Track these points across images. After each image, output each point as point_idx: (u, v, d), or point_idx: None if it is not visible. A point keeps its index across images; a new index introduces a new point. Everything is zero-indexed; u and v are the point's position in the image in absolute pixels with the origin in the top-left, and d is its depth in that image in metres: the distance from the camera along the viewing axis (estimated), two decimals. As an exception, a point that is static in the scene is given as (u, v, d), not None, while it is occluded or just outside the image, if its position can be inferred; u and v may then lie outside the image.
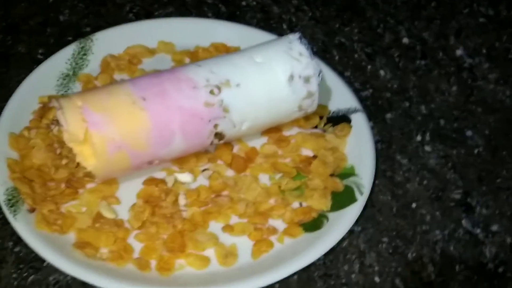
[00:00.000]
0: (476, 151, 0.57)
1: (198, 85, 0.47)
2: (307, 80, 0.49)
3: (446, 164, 0.55)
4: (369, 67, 0.63)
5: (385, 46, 0.66)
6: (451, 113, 0.59)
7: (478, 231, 0.51)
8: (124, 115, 0.45)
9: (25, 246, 0.45)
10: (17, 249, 0.46)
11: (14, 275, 0.45)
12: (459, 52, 0.65)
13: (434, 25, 0.68)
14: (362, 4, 0.69)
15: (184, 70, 0.48)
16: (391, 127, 0.58)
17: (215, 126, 0.47)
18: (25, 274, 0.45)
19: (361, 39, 0.66)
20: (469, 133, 0.58)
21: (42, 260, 0.45)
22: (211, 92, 0.47)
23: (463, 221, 0.51)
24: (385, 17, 0.68)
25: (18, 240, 0.45)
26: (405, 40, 0.66)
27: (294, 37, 0.50)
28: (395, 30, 0.67)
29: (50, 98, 0.52)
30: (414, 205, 0.52)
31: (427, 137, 0.57)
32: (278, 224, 0.48)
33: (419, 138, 0.57)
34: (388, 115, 0.59)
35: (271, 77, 0.48)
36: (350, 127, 0.54)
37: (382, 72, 0.63)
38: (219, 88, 0.47)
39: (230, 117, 0.47)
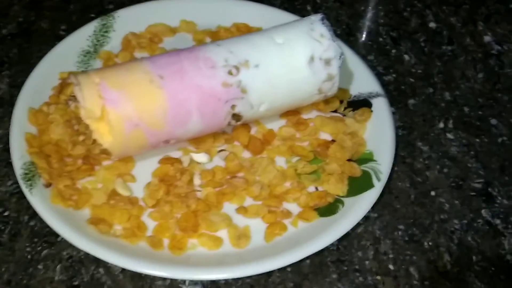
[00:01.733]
0: (500, 140, 0.55)
1: (217, 65, 0.46)
2: (327, 62, 0.48)
3: (468, 153, 0.54)
4: (393, 51, 0.62)
5: (411, 30, 0.64)
6: (476, 101, 0.58)
7: (498, 222, 0.50)
8: (142, 93, 0.44)
9: (40, 220, 0.45)
10: (32, 223, 0.47)
11: (28, 249, 0.45)
12: (487, 38, 0.63)
13: (462, 10, 0.66)
14: (389, -13, 0.68)
15: (203, 50, 0.47)
16: (413, 113, 0.57)
17: (233, 107, 0.47)
18: (39, 248, 0.45)
19: (387, 23, 0.65)
20: (493, 121, 0.56)
21: (56, 235, 0.45)
22: (229, 72, 0.46)
23: (483, 211, 0.50)
24: (412, 1, 0.67)
25: (34, 214, 0.46)
26: (432, 25, 0.65)
27: (316, 18, 0.49)
28: (422, 14, 0.66)
29: (70, 74, 0.52)
30: (433, 193, 0.51)
31: (450, 125, 0.56)
32: (293, 207, 0.48)
33: (441, 125, 0.56)
34: (411, 101, 0.58)
35: (291, 59, 0.48)
36: (371, 112, 0.53)
37: (406, 57, 0.62)
38: (237, 68, 0.46)
39: (248, 98, 0.47)
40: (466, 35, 0.64)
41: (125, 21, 0.57)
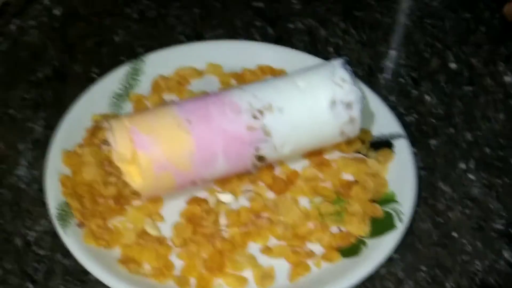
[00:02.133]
0: (521, 181, 0.56)
1: (241, 109, 0.48)
2: (349, 105, 0.50)
3: (490, 193, 0.55)
4: (414, 92, 0.63)
5: (432, 71, 0.65)
6: (497, 141, 0.59)
7: (520, 263, 0.50)
8: (170, 137, 0.46)
9: (73, 259, 0.47)
10: (65, 261, 0.48)
11: (62, 287, 0.47)
12: (507, 78, 0.64)
13: (482, 50, 0.67)
14: (410, 28, 0.69)
15: (228, 94, 0.49)
16: (435, 153, 0.58)
17: (257, 149, 0.48)
18: (72, 286, 0.47)
19: (408, 63, 0.66)
20: (515, 162, 0.57)
21: (88, 273, 0.47)
22: (254, 116, 0.48)
23: (505, 253, 0.51)
24: (433, 42, 0.68)
25: (67, 253, 0.48)
26: (453, 65, 0.66)
27: (337, 63, 0.51)
28: (442, 55, 0.67)
29: (103, 117, 0.55)
30: (455, 234, 0.52)
31: (472, 165, 0.57)
32: (316, 248, 0.49)
33: (463, 165, 0.57)
34: (432, 142, 0.59)
35: (313, 102, 0.49)
36: (392, 153, 0.54)
37: (427, 97, 0.63)
38: (261, 112, 0.48)
39: (272, 140, 0.49)
40: (486, 75, 0.65)
41: (155, 65, 0.60)
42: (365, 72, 0.65)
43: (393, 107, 0.59)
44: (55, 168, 0.51)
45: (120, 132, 0.46)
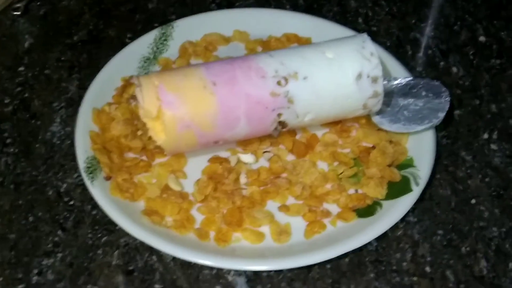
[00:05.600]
0: (544, 152, 0.56)
1: (267, 75, 0.49)
2: (375, 80, 0.50)
3: (511, 163, 0.55)
4: (442, 63, 0.63)
5: (461, 43, 0.65)
6: (522, 113, 0.59)
7: (537, 231, 0.50)
8: (195, 97, 0.48)
9: (101, 210, 0.49)
10: (94, 212, 0.51)
11: (90, 235, 0.50)
12: (537, 52, 0.64)
13: (513, 24, 0.67)
14: (440, 1, 0.69)
15: (256, 59, 0.50)
16: (458, 123, 0.58)
17: (279, 115, 0.49)
18: (99, 235, 0.50)
19: (437, 36, 0.66)
20: (539, 133, 0.57)
21: (115, 224, 0.49)
22: (278, 83, 0.49)
23: (523, 220, 0.51)
24: (463, 15, 0.68)
25: (96, 205, 0.50)
26: (482, 39, 0.66)
27: (368, 37, 0.51)
28: (472, 28, 0.67)
29: (133, 76, 0.57)
30: (473, 201, 0.52)
31: (495, 136, 0.57)
32: (333, 208, 0.50)
33: (486, 136, 0.57)
34: (457, 112, 0.59)
35: (340, 74, 0.49)
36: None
37: (454, 69, 0.63)
38: (286, 79, 0.49)
39: (294, 108, 0.49)
40: (515, 48, 0.64)
41: (183, 30, 0.61)
42: (393, 43, 0.65)
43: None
44: (85, 125, 0.53)
45: (148, 89, 0.48)
